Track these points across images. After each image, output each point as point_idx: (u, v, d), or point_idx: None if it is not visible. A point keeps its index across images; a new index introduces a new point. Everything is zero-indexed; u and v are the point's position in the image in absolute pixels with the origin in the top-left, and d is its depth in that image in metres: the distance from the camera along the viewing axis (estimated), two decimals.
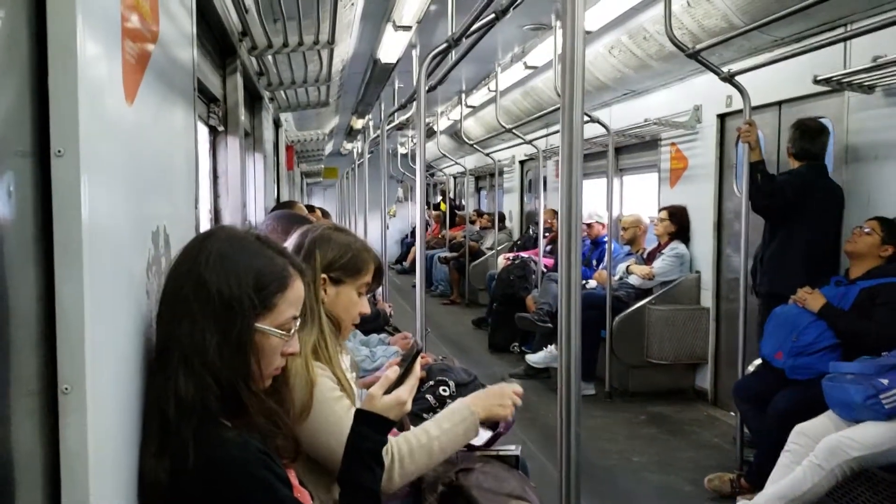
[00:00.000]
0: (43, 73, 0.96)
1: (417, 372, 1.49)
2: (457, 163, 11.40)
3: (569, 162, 1.31)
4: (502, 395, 1.83)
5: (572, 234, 1.32)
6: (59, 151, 0.96)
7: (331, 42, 3.53)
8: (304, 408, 1.60)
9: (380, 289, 5.49)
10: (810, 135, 3.79)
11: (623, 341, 5.26)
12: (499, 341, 7.11)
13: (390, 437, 1.57)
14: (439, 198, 13.30)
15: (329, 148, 14.06)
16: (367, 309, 1.89)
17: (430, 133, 11.03)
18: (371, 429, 1.42)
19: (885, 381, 2.75)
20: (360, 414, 1.44)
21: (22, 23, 0.95)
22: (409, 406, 1.46)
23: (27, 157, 0.95)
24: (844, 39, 3.50)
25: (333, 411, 1.67)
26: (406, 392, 1.45)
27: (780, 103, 4.41)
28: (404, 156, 13.62)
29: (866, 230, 3.39)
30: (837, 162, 3.88)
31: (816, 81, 3.62)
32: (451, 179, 14.82)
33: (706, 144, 5.20)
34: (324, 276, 1.81)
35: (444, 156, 10.91)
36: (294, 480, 1.40)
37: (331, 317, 1.81)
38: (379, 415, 1.42)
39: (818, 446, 2.83)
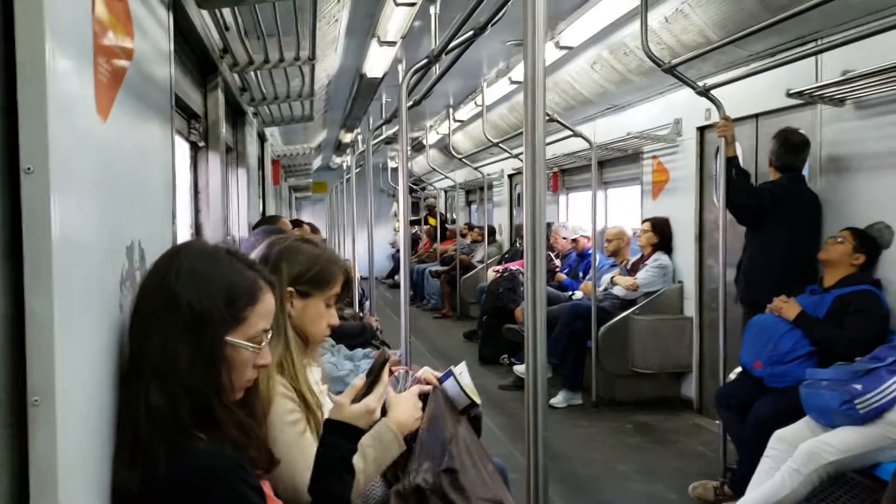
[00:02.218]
0: (11, 89, 0.97)
1: (386, 380, 1.52)
2: (447, 177, 11.43)
3: (532, 181, 1.34)
4: (410, 404, 1.79)
5: (536, 248, 1.35)
6: (29, 168, 0.97)
7: (311, 58, 3.57)
8: None
9: (367, 303, 5.51)
10: (794, 149, 3.82)
11: (608, 351, 5.28)
12: (489, 353, 7.10)
13: None
14: (424, 213, 13.30)
15: (318, 162, 14.05)
16: (335, 321, 1.85)
17: (420, 147, 11.06)
18: (340, 438, 1.43)
19: (859, 387, 2.79)
20: (328, 423, 1.46)
21: None
22: (377, 414, 1.48)
23: None
24: (815, 53, 3.56)
25: (284, 435, 1.62)
26: (374, 400, 1.47)
27: (756, 116, 4.47)
28: (394, 170, 13.59)
29: (839, 239, 3.46)
30: (812, 173, 3.92)
31: (789, 94, 3.68)
32: (442, 193, 14.85)
33: (687, 157, 5.25)
34: (290, 289, 1.78)
35: (434, 170, 10.93)
36: (269, 491, 1.40)
37: (298, 331, 1.78)
38: (348, 423, 1.44)
39: (796, 452, 2.87)
